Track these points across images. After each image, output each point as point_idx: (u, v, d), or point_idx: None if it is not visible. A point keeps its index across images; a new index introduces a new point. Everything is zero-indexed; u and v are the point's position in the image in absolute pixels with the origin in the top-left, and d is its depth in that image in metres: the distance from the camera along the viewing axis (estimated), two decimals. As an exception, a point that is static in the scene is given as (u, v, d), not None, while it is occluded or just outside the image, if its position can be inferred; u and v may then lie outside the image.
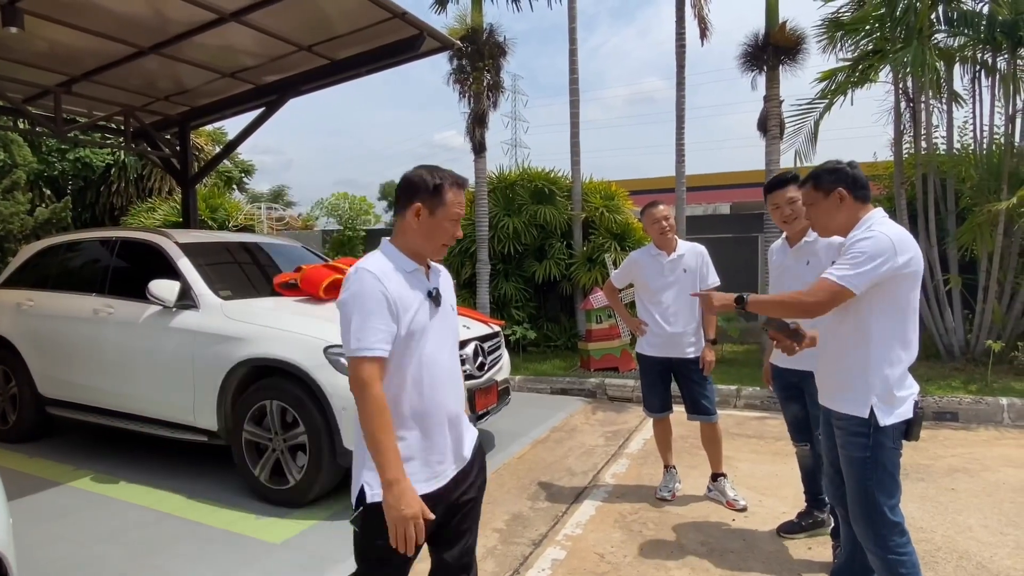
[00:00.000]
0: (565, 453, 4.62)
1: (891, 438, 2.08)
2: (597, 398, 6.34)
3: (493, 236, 8.41)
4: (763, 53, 7.00)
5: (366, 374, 1.54)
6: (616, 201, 8.58)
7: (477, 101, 7.93)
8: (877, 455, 2.07)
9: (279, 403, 3.60)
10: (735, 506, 3.56)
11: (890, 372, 2.08)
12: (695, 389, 3.62)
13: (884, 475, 2.08)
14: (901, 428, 2.09)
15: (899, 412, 2.08)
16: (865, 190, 2.18)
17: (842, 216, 2.18)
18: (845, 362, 2.15)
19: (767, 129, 7.11)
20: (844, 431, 2.14)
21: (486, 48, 7.83)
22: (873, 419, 2.06)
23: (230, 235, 5.32)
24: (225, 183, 16.78)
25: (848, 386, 2.14)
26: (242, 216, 12.87)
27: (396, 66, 5.93)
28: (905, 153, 7.28)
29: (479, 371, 4.12)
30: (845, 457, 2.15)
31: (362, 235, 11.43)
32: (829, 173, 2.21)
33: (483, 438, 4.78)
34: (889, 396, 2.07)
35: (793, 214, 2.94)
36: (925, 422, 5.22)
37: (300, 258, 5.14)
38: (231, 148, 7.85)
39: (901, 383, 2.10)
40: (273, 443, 3.65)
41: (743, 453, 4.53)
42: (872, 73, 6.94)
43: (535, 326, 8.39)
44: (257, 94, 6.68)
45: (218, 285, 4.15)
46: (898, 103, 7.01)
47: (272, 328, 3.70)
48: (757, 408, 5.79)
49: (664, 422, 3.79)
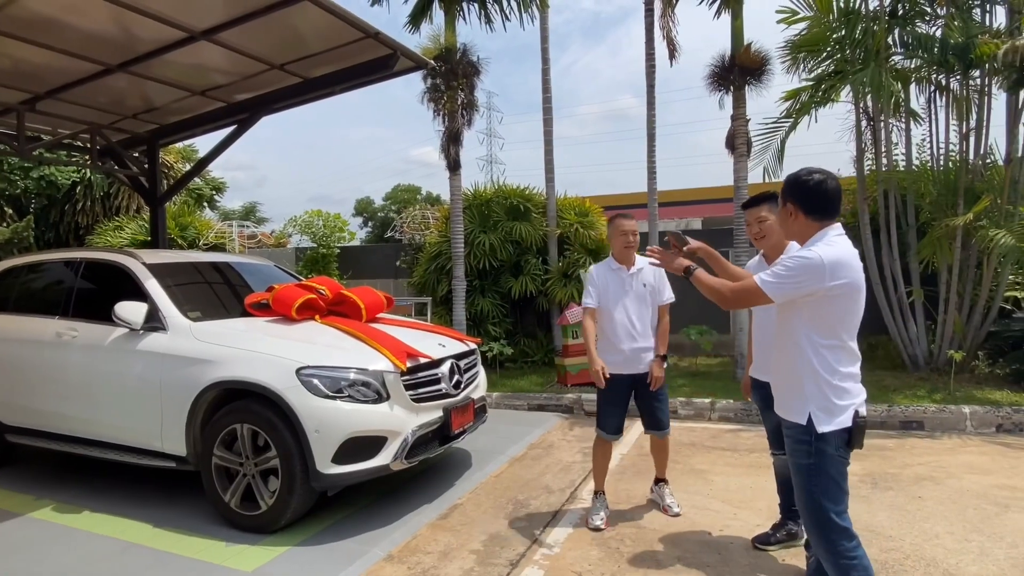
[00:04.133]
0: (543, 470, 4.61)
1: (833, 445, 2.15)
2: (574, 414, 6.35)
3: (469, 253, 8.42)
4: (729, 74, 7.20)
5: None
6: (590, 217, 8.68)
7: (451, 119, 7.97)
8: (819, 462, 2.14)
9: (250, 426, 3.54)
10: (669, 512, 3.70)
11: (825, 382, 2.15)
12: (654, 404, 3.66)
13: (828, 482, 2.15)
14: (843, 436, 2.15)
15: (838, 420, 2.14)
16: (821, 211, 2.17)
17: (795, 229, 2.25)
18: (786, 373, 2.25)
19: (735, 147, 7.28)
20: (790, 439, 2.24)
21: (460, 67, 7.90)
22: (812, 426, 2.15)
23: (200, 254, 5.24)
24: (195, 201, 16.51)
25: (790, 395, 2.24)
26: (213, 234, 12.66)
27: (370, 84, 5.94)
28: (867, 169, 7.53)
29: (455, 389, 4.10)
30: (792, 465, 2.24)
31: (336, 253, 11.33)
32: (789, 185, 2.25)
33: (459, 457, 4.79)
34: (827, 405, 2.15)
35: (761, 232, 3.02)
36: (893, 431, 5.34)
37: (272, 277, 5.08)
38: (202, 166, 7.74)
39: (840, 393, 2.16)
40: (244, 468, 3.58)
41: (718, 466, 4.57)
42: (834, 93, 7.19)
43: (512, 342, 8.38)
44: (228, 112, 6.62)
45: (187, 306, 4.08)
46: (859, 121, 7.27)
47: (243, 350, 3.65)
48: (731, 420, 5.86)
49: (609, 446, 3.75)
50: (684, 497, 3.94)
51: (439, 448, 3.98)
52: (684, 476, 4.35)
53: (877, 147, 7.35)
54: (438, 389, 3.97)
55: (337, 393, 3.49)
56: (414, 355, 3.87)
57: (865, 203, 7.27)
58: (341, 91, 6.03)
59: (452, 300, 8.18)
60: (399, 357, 3.72)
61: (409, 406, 3.72)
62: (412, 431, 3.66)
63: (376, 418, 3.55)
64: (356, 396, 3.54)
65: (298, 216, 12.09)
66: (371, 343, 3.83)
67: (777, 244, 2.98)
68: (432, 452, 3.92)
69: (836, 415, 2.14)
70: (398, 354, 3.74)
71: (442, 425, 3.91)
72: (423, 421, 3.76)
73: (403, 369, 3.69)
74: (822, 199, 2.18)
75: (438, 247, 8.89)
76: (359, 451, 3.49)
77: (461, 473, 4.49)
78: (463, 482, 4.32)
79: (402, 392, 3.69)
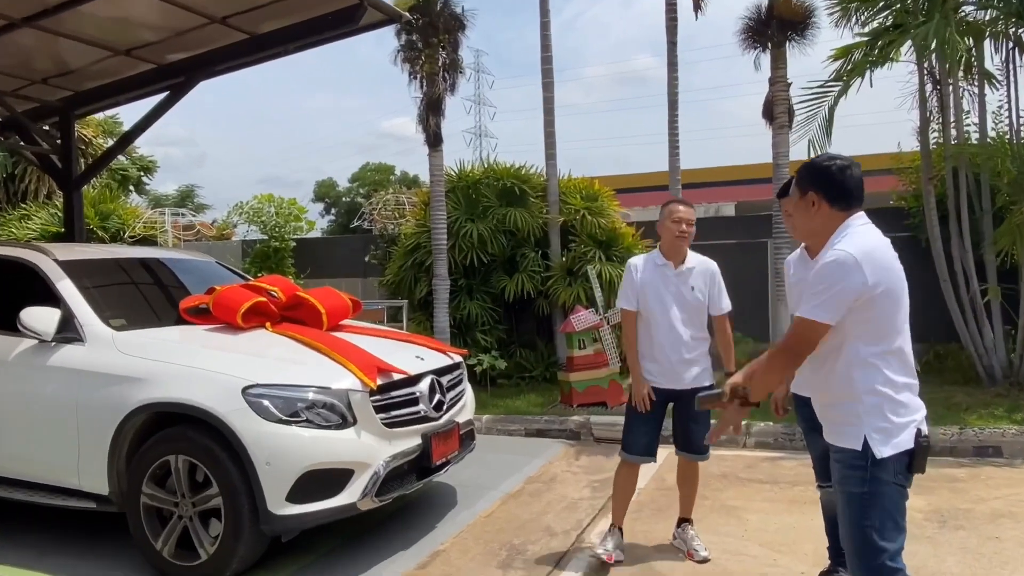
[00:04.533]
0: (543, 509, 4.61)
1: (891, 472, 2.18)
2: (581, 440, 6.36)
3: (453, 246, 8.43)
4: (767, 28, 7.24)
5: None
6: (600, 202, 8.70)
7: (430, 84, 7.98)
8: (875, 492, 2.18)
9: (187, 458, 3.53)
10: (694, 556, 3.72)
11: (881, 398, 2.19)
12: (691, 426, 3.74)
13: (884, 516, 2.18)
14: (903, 460, 2.19)
15: (898, 442, 2.18)
16: (846, 199, 2.27)
17: (817, 222, 2.33)
18: (834, 393, 2.29)
19: (774, 116, 7.32)
20: (840, 464, 2.27)
21: (441, 21, 7.91)
22: (868, 451, 2.17)
23: (125, 249, 5.24)
24: (120, 184, 16.45)
25: (840, 418, 2.27)
26: (141, 225, 12.62)
27: (331, 42, 5.95)
28: (933, 143, 7.57)
29: (436, 412, 4.11)
30: (842, 495, 2.27)
31: (292, 246, 11.31)
32: (808, 172, 2.35)
33: (442, 494, 4.79)
34: (884, 425, 2.18)
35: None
36: (965, 458, 5.38)
37: (213, 276, 5.07)
38: (127, 141, 7.74)
39: (897, 409, 2.20)
40: (180, 508, 3.57)
41: (754, 502, 4.60)
42: (892, 51, 7.22)
43: (505, 354, 8.39)
44: (159, 75, 6.61)
45: (109, 312, 4.07)
46: (923, 85, 7.31)
47: (177, 365, 3.64)
48: (770, 447, 5.89)
49: (635, 470, 3.84)
50: (714, 540, 3.95)
51: (417, 483, 3.97)
52: (713, 514, 4.36)
53: (945, 116, 7.40)
54: (416, 411, 3.96)
55: (292, 417, 3.48)
56: (386, 370, 3.86)
57: (931, 184, 7.31)
58: (296, 50, 6.03)
59: (433, 303, 8.18)
60: (368, 373, 3.71)
61: (380, 432, 3.71)
62: (384, 462, 3.65)
63: (340, 447, 3.54)
64: (316, 420, 3.53)
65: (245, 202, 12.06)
66: (334, 356, 3.82)
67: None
68: (409, 488, 3.91)
69: (895, 436, 2.18)
70: (367, 369, 3.74)
71: (421, 455, 3.90)
72: (397, 450, 3.76)
73: (373, 387, 3.68)
74: (848, 187, 2.28)
75: (415, 239, 8.89)
76: (320, 487, 3.48)
77: (444, 513, 4.49)
78: (446, 524, 4.32)
79: (372, 415, 3.69)
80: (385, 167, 46.61)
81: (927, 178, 7.29)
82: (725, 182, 21.26)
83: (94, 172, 7.99)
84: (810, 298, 2.17)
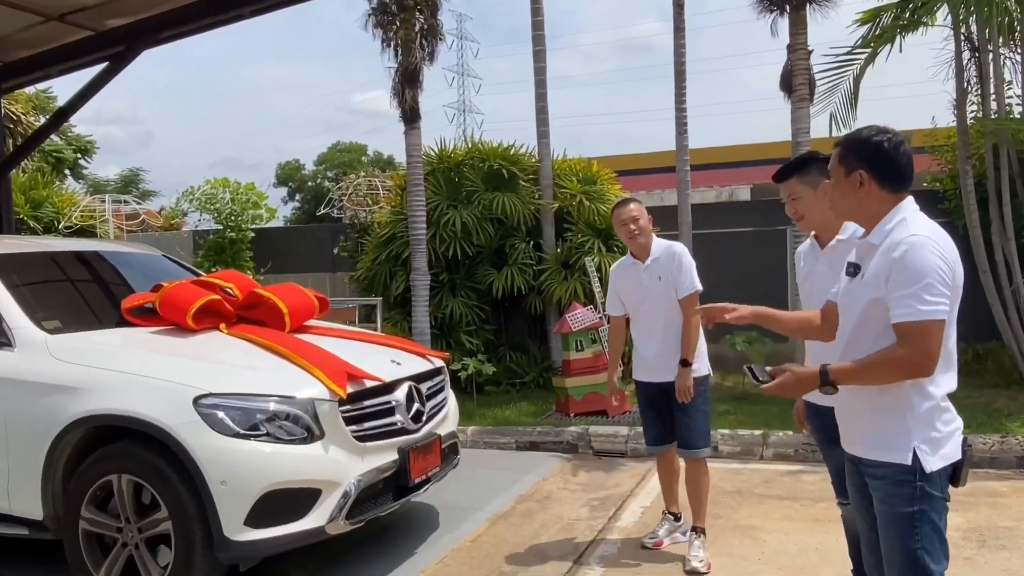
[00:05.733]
0: (536, 531, 4.63)
1: (939, 487, 2.20)
2: (579, 453, 6.38)
3: (433, 235, 8.43)
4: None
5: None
6: (599, 186, 8.72)
7: (406, 53, 7.95)
8: (925, 509, 2.19)
9: (131, 478, 3.53)
10: (685, 566, 3.93)
11: (931, 404, 2.20)
12: (681, 418, 4.10)
13: (933, 535, 2.20)
14: (948, 472, 2.22)
15: (944, 453, 2.20)
16: (900, 179, 2.26)
17: (866, 203, 2.30)
18: (875, 398, 2.26)
19: (792, 88, 7.34)
20: (885, 482, 2.26)
21: (417, -20, 7.87)
22: (918, 464, 2.18)
23: (60, 242, 5.21)
24: (53, 167, 16.33)
25: (883, 428, 2.25)
26: (78, 214, 12.53)
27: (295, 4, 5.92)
28: (971, 117, 7.62)
29: (415, 423, 4.10)
30: (886, 515, 2.26)
31: (250, 237, 11.26)
32: (856, 146, 2.30)
33: (422, 515, 4.79)
34: (932, 435, 2.20)
35: (796, 212, 3.08)
36: (1007, 470, 5.43)
37: (160, 272, 5.04)
38: (62, 119, 7.67)
39: (944, 416, 2.22)
40: (124, 534, 3.56)
41: (773, 521, 4.63)
42: (926, 13, 7.26)
43: (494, 357, 8.40)
44: (98, 44, 6.55)
45: (42, 314, 4.05)
46: (959, 53, 7.35)
47: (119, 372, 3.63)
48: (790, 459, 5.93)
49: (665, 458, 4.31)
50: (727, 563, 3.98)
51: (394, 503, 3.98)
52: (727, 534, 4.39)
53: (984, 87, 7.45)
54: (392, 423, 3.96)
55: (251, 430, 3.48)
56: (358, 377, 3.86)
57: (968, 163, 7.36)
58: (253, 14, 6.00)
59: (411, 301, 8.17)
60: (337, 380, 3.71)
61: (352, 447, 3.71)
62: (356, 481, 3.65)
63: (306, 464, 3.54)
64: (278, 434, 3.53)
65: (197, 187, 11.99)
66: (298, 361, 3.81)
67: (824, 222, 3.03)
68: (384, 509, 3.92)
69: (943, 446, 2.20)
70: (335, 376, 3.73)
71: (397, 472, 3.90)
72: (371, 467, 3.76)
73: (343, 396, 3.68)
74: (901, 165, 2.26)
75: (391, 228, 8.88)
76: (283, 509, 3.48)
77: (424, 536, 4.49)
78: (427, 549, 4.32)
79: (342, 428, 3.68)
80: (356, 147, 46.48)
81: (964, 157, 7.33)
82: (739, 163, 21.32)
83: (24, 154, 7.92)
84: (912, 298, 2.10)
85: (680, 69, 8.04)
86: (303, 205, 43.23)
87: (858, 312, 2.27)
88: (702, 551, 3.98)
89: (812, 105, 7.44)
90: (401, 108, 8.10)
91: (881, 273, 2.19)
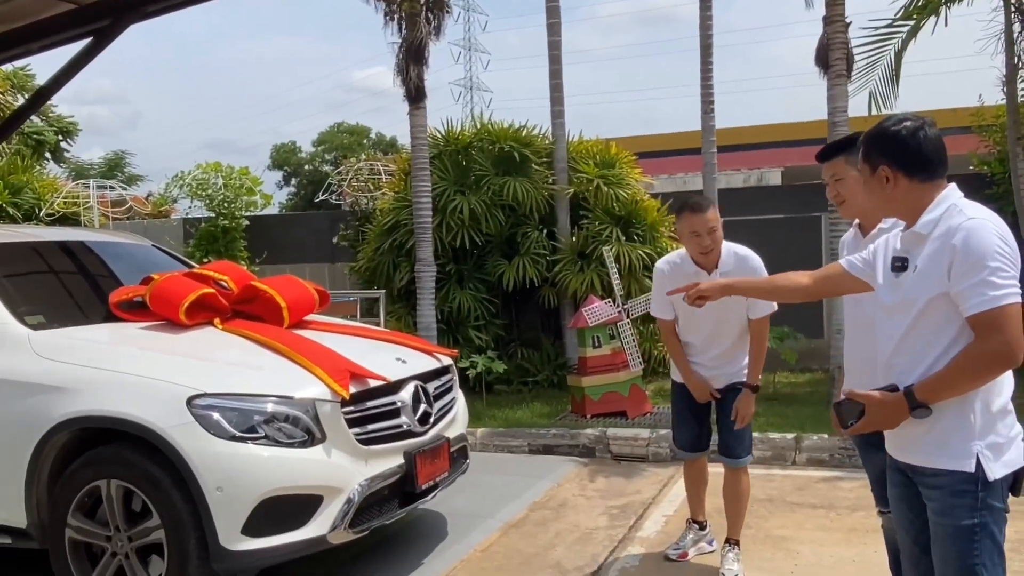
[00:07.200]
0: (551, 541, 4.64)
1: (999, 496, 2.20)
2: (596, 457, 6.39)
3: (440, 223, 8.43)
4: (821, -46, 7.18)
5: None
6: (618, 169, 8.70)
7: (411, 26, 7.94)
8: (987, 522, 2.18)
9: (121, 484, 3.54)
10: None
11: (995, 406, 2.20)
12: (724, 424, 4.06)
13: (993, 548, 2.19)
14: (1009, 481, 2.21)
15: (1007, 459, 2.20)
16: (927, 167, 2.26)
17: (898, 199, 2.30)
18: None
19: (829, 63, 7.27)
20: (943, 492, 2.23)
21: (423, -52, 7.85)
22: (981, 472, 2.16)
23: (41, 231, 5.23)
24: (34, 150, 16.39)
25: (944, 431, 2.22)
26: (61, 200, 12.58)
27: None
28: (1021, 95, 7.56)
29: (421, 425, 4.12)
30: (945, 528, 2.24)
31: (244, 225, 11.30)
32: (874, 142, 2.31)
33: (430, 524, 4.81)
34: (995, 440, 2.19)
35: (839, 196, 3.06)
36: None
37: (150, 263, 5.07)
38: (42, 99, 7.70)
39: (1007, 419, 2.22)
40: (113, 543, 3.58)
41: (806, 531, 4.62)
42: (974, -18, 7.21)
43: (505, 354, 8.42)
44: (81, 18, 6.56)
45: (24, 308, 4.07)
46: (1009, 24, 7.30)
47: (108, 371, 3.64)
48: (825, 464, 5.91)
49: (695, 465, 4.28)
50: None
51: (399, 511, 3.99)
52: (758, 545, 4.39)
53: (1036, 62, 7.38)
54: (397, 425, 3.98)
55: (248, 433, 3.49)
56: (361, 376, 3.87)
57: (1019, 145, 7.31)
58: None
59: (416, 294, 8.18)
60: (339, 379, 3.72)
61: (355, 450, 3.73)
62: (359, 487, 3.67)
63: (306, 469, 3.56)
64: (276, 437, 3.54)
65: (187, 172, 12.03)
66: (297, 359, 3.83)
67: (867, 209, 3.02)
68: (389, 517, 3.94)
69: (1005, 452, 2.19)
70: (337, 375, 3.74)
71: (403, 477, 3.92)
72: (375, 472, 3.77)
73: (345, 397, 3.69)
74: (926, 151, 2.25)
75: (394, 216, 8.89)
76: (282, 517, 3.49)
77: (432, 546, 4.51)
78: (435, 560, 4.33)
79: (344, 430, 3.70)
80: (359, 128, 46.53)
81: (1014, 138, 7.28)
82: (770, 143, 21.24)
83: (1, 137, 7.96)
84: (984, 285, 2.08)
85: (707, 43, 7.99)
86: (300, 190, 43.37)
87: (917, 308, 2.23)
88: (736, 564, 3.97)
89: (850, 82, 7.38)
90: (405, 87, 8.09)
91: (942, 263, 2.16)
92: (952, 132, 7.81)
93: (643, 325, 8.22)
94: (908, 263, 2.29)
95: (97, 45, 6.56)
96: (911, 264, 2.28)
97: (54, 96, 7.58)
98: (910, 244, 2.31)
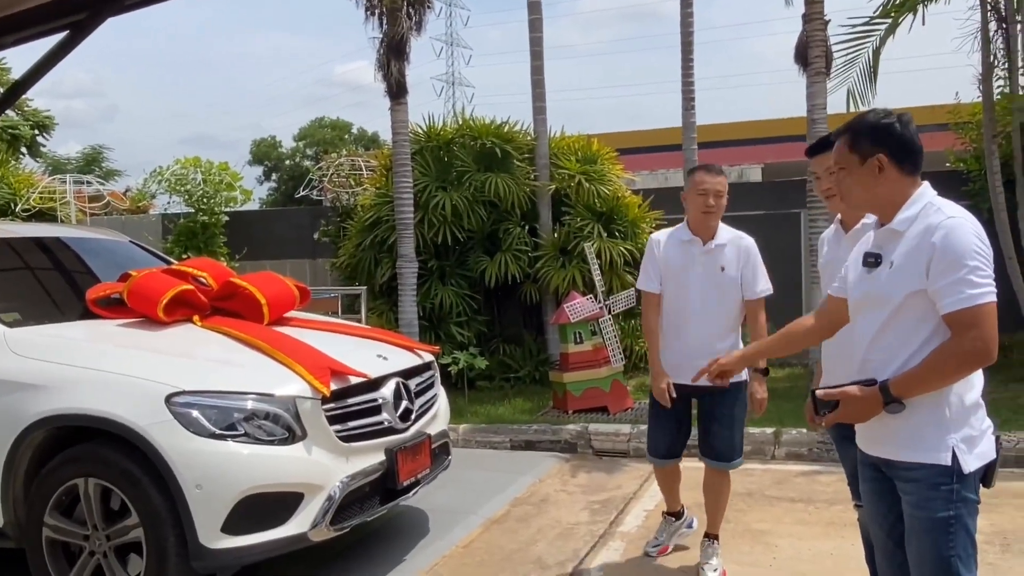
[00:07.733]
0: (533, 537, 4.65)
1: (973, 488, 2.24)
2: (578, 453, 6.41)
3: (421, 220, 8.42)
4: (800, -48, 7.23)
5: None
6: (600, 165, 8.72)
7: (392, 21, 7.92)
8: (961, 514, 2.22)
9: (99, 482, 3.52)
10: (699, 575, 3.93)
11: (968, 400, 2.24)
12: (712, 427, 3.93)
13: (967, 541, 2.23)
14: (980, 473, 2.25)
15: (980, 452, 2.24)
16: (915, 162, 2.31)
17: (884, 189, 2.32)
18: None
19: (808, 60, 7.34)
20: (919, 485, 2.26)
21: (404, -57, 7.83)
22: (956, 465, 2.20)
23: (17, 227, 5.18)
24: (9, 145, 16.21)
25: (918, 426, 2.26)
26: (36, 195, 12.44)
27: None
28: (997, 93, 7.65)
29: (403, 422, 4.12)
30: (920, 521, 2.27)
31: (224, 221, 11.23)
32: (870, 130, 2.32)
33: (411, 520, 4.81)
34: (969, 433, 2.23)
35: (831, 189, 3.08)
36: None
37: (128, 260, 5.04)
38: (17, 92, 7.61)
39: (978, 412, 2.27)
40: (91, 542, 3.56)
41: (785, 525, 4.66)
42: (951, -19, 7.28)
43: (487, 351, 8.42)
44: (57, 11, 6.47)
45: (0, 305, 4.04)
46: (986, 23, 7.37)
47: (85, 369, 3.61)
48: (803, 459, 5.96)
49: (669, 469, 4.16)
50: (737, 570, 4.01)
51: (381, 508, 3.99)
52: (736, 539, 4.42)
53: (1012, 60, 7.48)
54: (378, 422, 3.97)
55: (228, 430, 3.48)
56: (342, 372, 3.87)
57: (995, 142, 7.39)
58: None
59: (398, 290, 8.17)
60: (320, 376, 3.71)
61: (336, 448, 3.72)
62: (340, 484, 3.66)
63: (287, 466, 3.55)
64: (256, 434, 3.53)
65: (166, 167, 11.93)
66: (278, 356, 3.82)
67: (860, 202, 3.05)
68: (371, 514, 3.94)
69: (978, 445, 2.23)
70: (318, 372, 3.73)
71: (385, 474, 3.92)
72: (356, 469, 3.77)
73: (326, 394, 3.68)
74: (911, 145, 2.30)
75: (375, 212, 8.86)
76: (262, 515, 3.49)
77: (414, 543, 4.51)
78: (417, 555, 4.34)
79: (325, 427, 3.69)
80: (341, 123, 46.29)
81: (990, 135, 7.36)
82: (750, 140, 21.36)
83: (-23, 131, 7.86)
84: (972, 273, 2.12)
85: (687, 40, 8.04)
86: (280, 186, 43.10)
87: (892, 305, 2.25)
88: (715, 559, 3.98)
89: (829, 79, 7.44)
90: (387, 82, 8.07)
91: (920, 260, 2.18)
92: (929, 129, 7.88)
93: (624, 321, 8.26)
94: (882, 259, 2.31)
95: (73, 39, 6.48)
96: (885, 260, 2.29)
97: (30, 89, 7.49)
98: (884, 241, 2.33)
